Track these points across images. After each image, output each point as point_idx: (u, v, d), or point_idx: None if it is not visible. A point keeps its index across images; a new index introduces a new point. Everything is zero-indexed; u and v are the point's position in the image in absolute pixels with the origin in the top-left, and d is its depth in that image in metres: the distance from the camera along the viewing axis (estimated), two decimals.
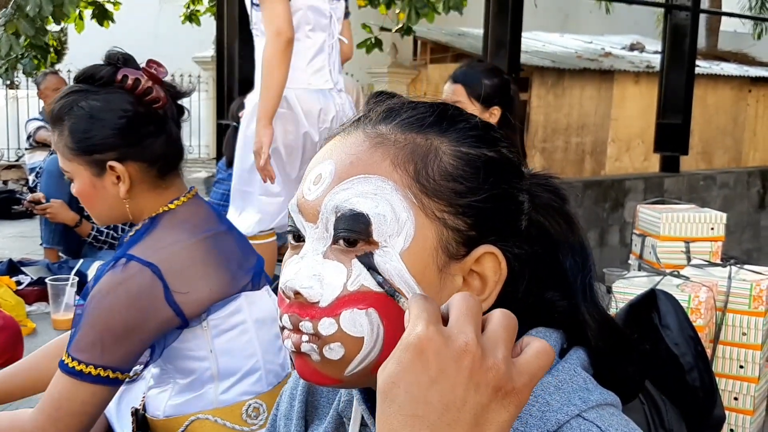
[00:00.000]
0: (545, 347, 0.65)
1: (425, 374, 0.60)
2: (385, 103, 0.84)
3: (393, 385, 0.61)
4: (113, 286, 1.53)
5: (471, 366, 0.61)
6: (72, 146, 1.61)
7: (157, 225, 1.64)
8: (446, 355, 0.61)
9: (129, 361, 1.55)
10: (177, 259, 1.59)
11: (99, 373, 1.50)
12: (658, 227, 3.73)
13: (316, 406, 1.00)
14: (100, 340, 1.50)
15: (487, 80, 2.87)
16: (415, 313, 0.64)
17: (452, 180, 0.78)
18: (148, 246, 1.59)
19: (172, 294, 1.55)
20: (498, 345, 0.62)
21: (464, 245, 0.78)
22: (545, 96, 10.22)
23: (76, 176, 1.64)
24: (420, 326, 0.62)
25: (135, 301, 1.52)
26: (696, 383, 1.41)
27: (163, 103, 1.63)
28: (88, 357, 1.50)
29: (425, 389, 0.60)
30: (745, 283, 2.92)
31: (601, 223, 5.83)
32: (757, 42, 16.42)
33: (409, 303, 0.66)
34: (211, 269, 1.63)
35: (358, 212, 0.76)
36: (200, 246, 1.64)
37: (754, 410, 2.95)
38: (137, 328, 1.53)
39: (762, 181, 6.99)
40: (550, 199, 0.86)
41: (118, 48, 1.65)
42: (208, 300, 1.62)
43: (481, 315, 0.65)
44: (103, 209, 1.67)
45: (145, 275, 1.53)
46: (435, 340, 0.61)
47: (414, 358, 0.61)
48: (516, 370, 0.62)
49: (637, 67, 10.96)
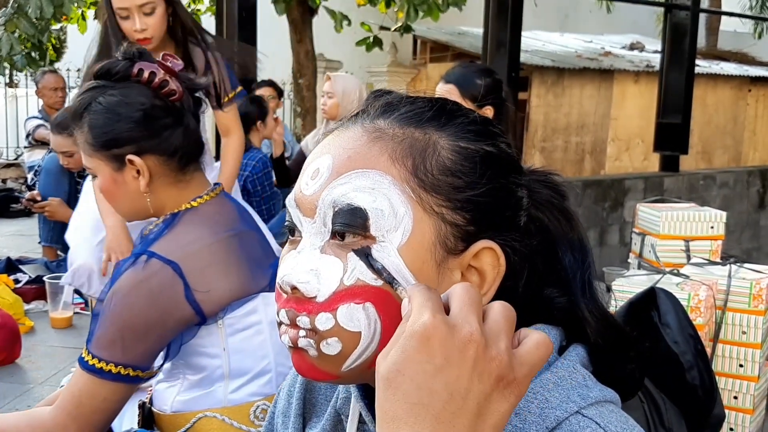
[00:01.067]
0: (544, 338, 0.65)
1: (431, 363, 0.61)
2: (383, 98, 0.84)
3: (398, 373, 0.61)
4: (135, 283, 1.52)
5: (475, 355, 0.61)
6: (92, 142, 1.61)
7: (178, 222, 1.64)
8: (451, 344, 0.61)
9: (149, 359, 1.56)
10: (198, 258, 1.58)
11: (120, 371, 1.50)
12: (657, 226, 3.72)
13: (313, 404, 1.00)
14: (121, 338, 1.50)
15: (480, 80, 2.88)
16: (419, 302, 0.64)
17: (450, 174, 0.77)
18: (170, 243, 1.59)
19: (192, 292, 1.55)
20: (500, 335, 0.63)
21: (462, 240, 0.78)
22: (545, 95, 10.22)
23: (99, 172, 1.64)
24: (426, 315, 0.62)
25: (156, 299, 1.52)
26: (696, 382, 1.41)
27: (179, 96, 1.64)
28: (108, 355, 1.50)
29: (430, 378, 0.61)
30: (745, 281, 2.92)
31: (601, 223, 5.83)
32: (757, 41, 16.42)
33: (410, 291, 0.66)
34: (231, 269, 1.63)
35: (355, 207, 0.75)
36: (222, 245, 1.64)
37: (754, 409, 2.95)
38: (158, 325, 1.54)
39: (761, 180, 6.99)
40: (549, 196, 0.86)
41: (134, 43, 1.66)
42: (228, 299, 1.62)
43: (481, 305, 0.65)
44: (126, 204, 1.67)
45: (167, 273, 1.53)
46: (441, 329, 0.61)
47: (419, 346, 0.61)
48: (517, 360, 0.63)
49: (637, 67, 10.96)
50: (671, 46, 6.38)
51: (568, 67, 10.41)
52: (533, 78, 10.02)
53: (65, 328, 4.23)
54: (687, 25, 6.28)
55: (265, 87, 5.52)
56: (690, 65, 6.36)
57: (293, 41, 8.53)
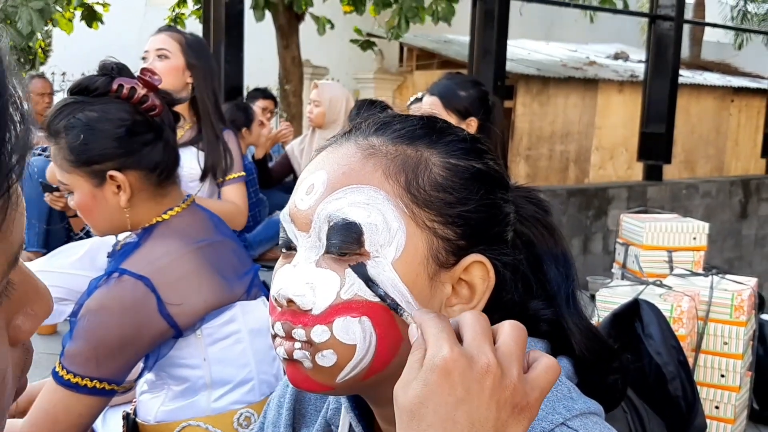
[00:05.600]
0: (553, 363, 0.69)
1: (452, 395, 0.65)
2: (375, 116, 0.85)
3: (421, 405, 0.65)
4: (107, 300, 1.52)
5: (492, 385, 0.65)
6: (71, 158, 1.59)
7: (150, 236, 1.64)
8: (471, 376, 0.65)
9: (123, 373, 1.55)
10: (169, 271, 1.58)
11: (95, 385, 1.50)
12: (641, 236, 3.75)
13: (303, 414, 1.01)
14: (95, 355, 1.49)
15: (463, 92, 2.87)
16: (434, 333, 0.67)
17: (442, 190, 0.79)
18: (141, 258, 1.58)
19: (165, 306, 1.55)
20: (512, 362, 0.67)
21: (453, 254, 0.79)
22: (530, 104, 10.28)
23: (76, 188, 1.62)
24: (445, 348, 0.66)
25: (129, 315, 1.52)
26: (678, 392, 1.43)
27: (159, 111, 1.63)
28: (83, 370, 1.49)
29: (452, 409, 0.65)
30: (727, 293, 2.95)
31: (585, 231, 5.87)
32: (739, 52, 16.57)
33: (419, 319, 0.70)
34: (204, 279, 1.63)
35: (350, 221, 0.76)
36: (193, 256, 1.63)
37: (735, 419, 2.98)
38: (132, 341, 1.53)
39: (743, 190, 7.05)
40: (534, 211, 0.89)
41: (112, 57, 1.65)
42: (202, 310, 1.62)
43: (491, 332, 0.69)
44: (104, 220, 1.65)
45: (139, 289, 1.53)
46: (460, 362, 0.65)
47: (441, 379, 0.65)
48: (529, 385, 0.67)
49: (621, 76, 11.05)
50: (655, 56, 6.42)
51: (553, 76, 10.47)
52: (518, 86, 10.08)
53: (50, 334, 4.21)
54: (671, 35, 6.33)
55: (261, 99, 5.45)
56: (674, 75, 6.40)
57: (280, 47, 8.53)
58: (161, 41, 2.94)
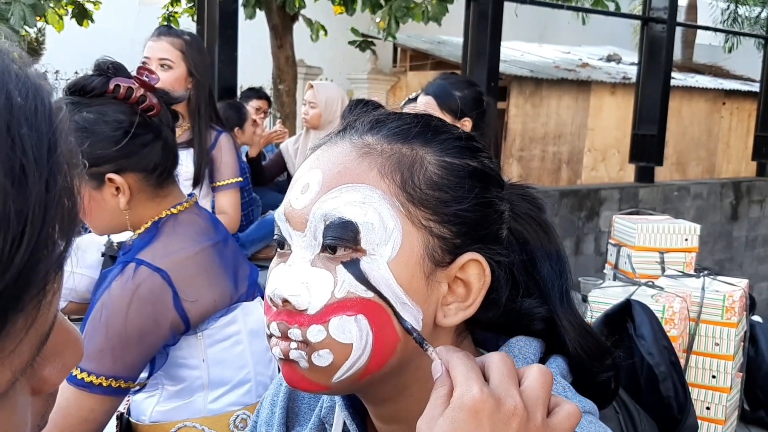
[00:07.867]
0: (575, 410, 0.69)
1: None
2: (370, 114, 0.85)
3: None
4: (124, 292, 1.50)
5: (518, 428, 0.65)
6: None
7: (162, 230, 1.63)
8: (497, 418, 0.65)
9: (137, 369, 1.53)
10: (185, 267, 1.57)
11: (110, 383, 1.48)
12: (633, 237, 3.76)
13: (296, 413, 1.00)
14: (111, 348, 1.48)
15: (458, 92, 2.88)
16: (462, 372, 0.67)
17: (438, 189, 0.79)
18: (157, 251, 1.57)
19: (181, 301, 1.54)
20: (538, 406, 0.67)
21: (449, 253, 0.79)
22: (523, 105, 10.29)
23: None
24: (475, 389, 0.66)
25: (146, 307, 1.50)
26: (670, 393, 1.44)
27: (157, 111, 1.61)
28: (97, 367, 1.47)
29: None
30: (718, 294, 2.96)
31: (577, 232, 5.88)
32: (730, 55, 16.62)
33: (446, 357, 0.70)
34: (214, 279, 1.62)
35: (347, 220, 0.76)
36: (204, 255, 1.63)
37: (726, 420, 2.99)
38: (148, 334, 1.51)
39: (734, 192, 7.07)
40: (528, 209, 0.89)
41: (107, 57, 1.61)
42: (212, 309, 1.61)
43: (517, 373, 0.69)
44: (103, 221, 1.63)
45: (156, 280, 1.52)
46: (489, 402, 0.65)
47: (469, 418, 0.65)
48: (551, 430, 0.67)
49: (614, 78, 11.07)
50: (648, 58, 6.44)
51: (546, 77, 10.49)
52: (512, 88, 10.09)
53: None
54: (663, 38, 6.34)
55: (255, 99, 5.43)
56: (666, 78, 6.42)
57: (274, 47, 8.52)
58: (163, 50, 2.88)
